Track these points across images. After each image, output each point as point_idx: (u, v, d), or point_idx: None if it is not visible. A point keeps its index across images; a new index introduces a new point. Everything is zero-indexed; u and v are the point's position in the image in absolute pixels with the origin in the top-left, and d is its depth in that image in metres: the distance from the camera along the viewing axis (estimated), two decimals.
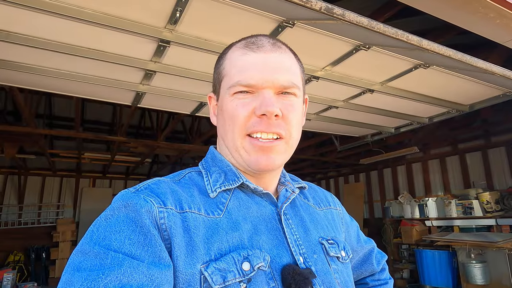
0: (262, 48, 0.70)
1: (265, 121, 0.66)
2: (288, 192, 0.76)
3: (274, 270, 0.62)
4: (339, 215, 0.89)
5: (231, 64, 0.71)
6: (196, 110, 3.69)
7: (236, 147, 0.69)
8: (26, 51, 2.31)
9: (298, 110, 0.72)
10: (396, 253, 6.76)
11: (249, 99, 0.67)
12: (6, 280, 4.03)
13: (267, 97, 0.66)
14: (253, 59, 0.69)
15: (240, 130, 0.68)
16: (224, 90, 0.71)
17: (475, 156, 6.21)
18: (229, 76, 0.70)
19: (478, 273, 4.69)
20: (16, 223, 8.47)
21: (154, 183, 0.65)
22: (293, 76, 0.70)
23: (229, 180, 0.70)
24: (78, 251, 0.53)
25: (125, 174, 10.19)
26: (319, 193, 0.90)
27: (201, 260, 0.57)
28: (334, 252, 0.73)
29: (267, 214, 0.69)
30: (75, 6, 1.85)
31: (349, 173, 9.10)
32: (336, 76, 2.85)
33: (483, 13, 1.96)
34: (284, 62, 0.70)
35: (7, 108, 6.80)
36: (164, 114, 6.40)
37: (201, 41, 2.25)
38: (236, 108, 0.68)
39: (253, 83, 0.67)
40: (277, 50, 0.71)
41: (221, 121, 0.72)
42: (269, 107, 0.65)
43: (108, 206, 0.60)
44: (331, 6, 1.67)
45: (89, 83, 2.84)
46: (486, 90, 3.22)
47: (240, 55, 0.70)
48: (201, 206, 0.64)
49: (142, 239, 0.54)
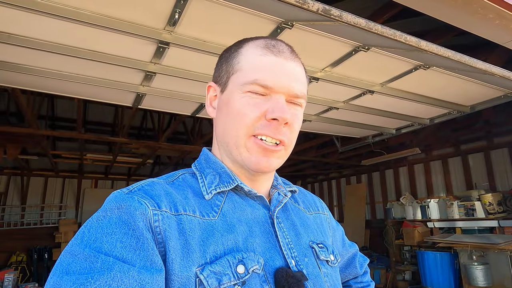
0: (283, 54, 0.70)
1: (274, 126, 0.66)
2: (281, 196, 0.76)
3: (267, 273, 0.62)
4: (326, 219, 0.90)
5: (247, 61, 0.70)
6: (197, 111, 3.70)
7: (238, 145, 0.69)
8: (27, 52, 2.32)
9: (301, 121, 0.73)
10: (398, 254, 6.73)
11: (261, 100, 0.67)
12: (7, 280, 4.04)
13: (281, 103, 0.66)
14: (274, 62, 0.68)
15: (246, 129, 0.67)
16: (235, 85, 0.69)
17: (477, 157, 6.17)
18: (244, 72, 0.69)
19: (480, 275, 4.67)
20: (19, 223, 8.50)
21: (148, 184, 0.64)
22: (303, 87, 0.72)
23: (224, 182, 0.70)
24: (68, 252, 0.52)
25: (127, 175, 10.22)
26: (308, 197, 0.91)
27: (196, 263, 0.57)
28: (324, 256, 0.74)
29: (260, 217, 0.70)
30: (75, 8, 1.86)
31: (351, 174, 9.08)
32: (336, 77, 2.85)
33: (482, 14, 1.95)
34: (299, 72, 0.72)
35: (9, 110, 6.84)
36: (166, 115, 6.42)
37: (200, 42, 2.26)
38: (247, 106, 0.67)
39: (270, 85, 0.67)
40: (294, 59, 0.72)
41: (224, 116, 0.71)
42: (284, 114, 0.65)
43: (100, 207, 0.59)
44: (328, 8, 1.68)
45: (89, 84, 2.85)
46: (487, 91, 3.21)
47: (260, 55, 0.69)
48: (196, 208, 0.64)
49: (134, 243, 0.53)
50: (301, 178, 10.52)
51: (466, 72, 2.67)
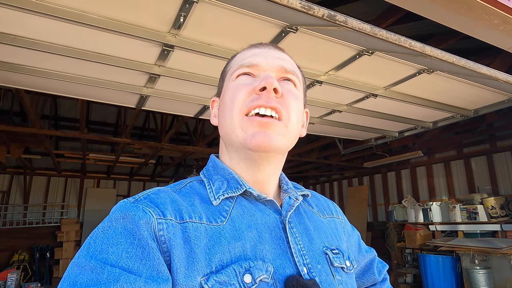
0: (267, 46, 0.76)
1: (264, 95, 0.66)
2: (292, 200, 0.73)
3: (277, 281, 0.60)
4: (341, 224, 0.86)
5: (235, 60, 0.76)
6: (200, 113, 3.71)
7: (234, 127, 0.68)
8: (32, 54, 2.34)
9: (298, 100, 0.72)
10: (399, 257, 6.72)
11: (251, 80, 0.70)
12: (10, 280, 4.06)
13: (267, 75, 0.68)
14: (259, 50, 0.74)
15: (239, 109, 0.67)
16: (228, 79, 0.74)
17: (480, 160, 6.16)
18: (233, 67, 0.74)
19: (482, 279, 4.65)
20: (21, 222, 8.54)
21: (154, 192, 0.64)
22: (292, 67, 0.74)
23: (232, 188, 0.68)
24: (75, 264, 0.52)
25: (129, 175, 10.24)
26: (321, 201, 0.88)
27: (201, 272, 0.55)
28: (338, 263, 0.71)
29: (271, 222, 0.67)
30: (80, 11, 1.88)
31: (353, 176, 9.06)
32: (339, 81, 2.85)
33: (487, 20, 1.95)
34: (286, 57, 0.76)
35: (13, 109, 6.88)
36: (168, 116, 6.43)
37: (204, 45, 2.26)
38: (237, 87, 0.69)
39: (256, 62, 0.70)
40: (280, 50, 0.76)
41: (222, 108, 0.73)
42: (269, 79, 0.66)
43: (106, 216, 0.59)
44: (334, 13, 1.68)
45: (94, 86, 2.87)
46: (490, 95, 3.20)
47: (244, 51, 0.76)
48: (203, 214, 0.63)
49: (140, 253, 0.53)
50: (303, 179, 10.51)
51: (470, 76, 2.66)
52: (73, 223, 8.79)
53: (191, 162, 9.71)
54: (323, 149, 6.91)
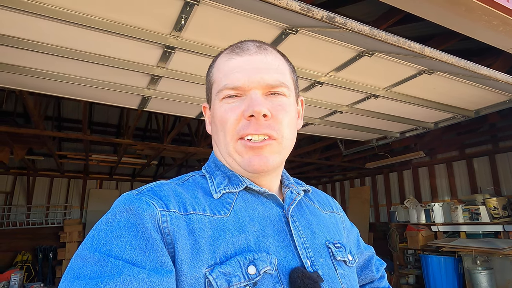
0: (247, 51, 0.70)
1: (254, 123, 0.65)
2: (294, 194, 0.75)
3: (281, 273, 0.61)
4: (341, 220, 0.88)
5: (218, 71, 0.72)
6: (201, 114, 3.73)
7: (229, 152, 0.69)
8: (35, 56, 2.36)
9: (289, 111, 0.70)
10: (401, 258, 6.70)
11: (237, 102, 0.67)
12: (13, 280, 4.09)
13: (254, 98, 0.66)
14: (238, 62, 0.69)
15: (231, 134, 0.67)
16: (214, 96, 0.72)
17: (483, 161, 6.14)
18: (217, 82, 0.71)
19: (484, 280, 4.64)
20: (24, 223, 8.58)
21: (157, 185, 0.65)
22: (280, 75, 0.70)
23: (233, 184, 0.69)
24: (78, 256, 0.53)
25: (132, 176, 10.27)
26: (322, 197, 0.89)
27: (206, 263, 0.56)
28: (341, 256, 0.72)
29: (274, 216, 0.68)
30: (83, 13, 1.90)
31: (355, 177, 9.05)
32: (340, 82, 2.87)
33: (486, 21, 1.96)
34: (270, 62, 0.70)
35: (17, 111, 6.92)
36: (171, 117, 6.46)
37: (205, 47, 2.28)
38: (225, 112, 0.68)
39: (239, 85, 0.67)
40: (262, 52, 0.71)
41: (214, 128, 0.73)
42: (256, 107, 0.64)
43: (104, 206, 0.60)
44: (333, 15, 1.69)
45: (96, 87, 2.89)
46: (491, 96, 3.20)
47: (226, 61, 0.71)
48: (206, 206, 0.63)
49: (144, 245, 0.53)
50: (305, 180, 10.49)
51: (470, 77, 2.67)
52: (75, 224, 8.82)
53: (193, 163, 9.74)
54: (325, 150, 6.92)
